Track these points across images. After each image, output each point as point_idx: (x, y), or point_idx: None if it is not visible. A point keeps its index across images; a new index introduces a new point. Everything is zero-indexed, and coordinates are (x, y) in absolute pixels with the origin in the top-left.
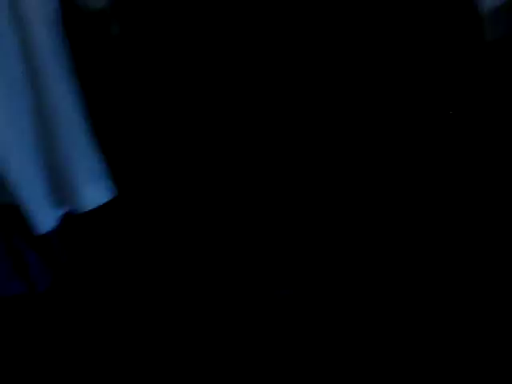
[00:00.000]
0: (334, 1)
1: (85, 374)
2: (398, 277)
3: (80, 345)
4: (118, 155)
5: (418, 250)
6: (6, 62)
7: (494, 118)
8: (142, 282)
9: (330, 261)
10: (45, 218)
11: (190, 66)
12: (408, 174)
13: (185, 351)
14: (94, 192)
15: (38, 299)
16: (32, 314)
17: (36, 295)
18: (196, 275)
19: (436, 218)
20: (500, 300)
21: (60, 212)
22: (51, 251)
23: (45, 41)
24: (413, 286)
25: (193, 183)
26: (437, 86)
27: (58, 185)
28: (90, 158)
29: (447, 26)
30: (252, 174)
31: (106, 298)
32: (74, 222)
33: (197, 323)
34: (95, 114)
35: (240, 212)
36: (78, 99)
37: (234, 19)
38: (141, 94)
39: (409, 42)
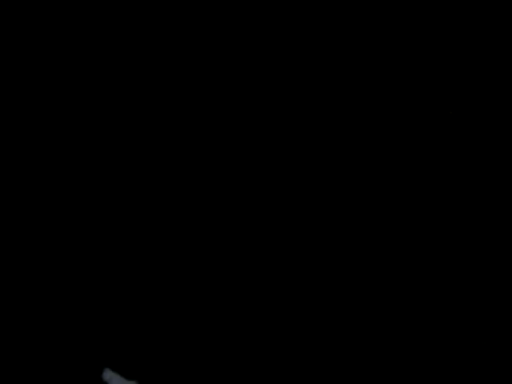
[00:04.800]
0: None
1: (84, 373)
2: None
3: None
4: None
5: (417, 251)
6: None
7: (493, 117)
8: (141, 281)
9: (327, 262)
10: None
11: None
12: (408, 174)
13: (184, 351)
14: None
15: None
16: (31, 313)
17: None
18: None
19: (436, 219)
20: (500, 300)
21: None
22: None
23: None
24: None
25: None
26: (437, 86)
27: None
28: None
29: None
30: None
31: (105, 297)
32: None
33: (196, 323)
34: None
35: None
36: None
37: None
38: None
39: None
